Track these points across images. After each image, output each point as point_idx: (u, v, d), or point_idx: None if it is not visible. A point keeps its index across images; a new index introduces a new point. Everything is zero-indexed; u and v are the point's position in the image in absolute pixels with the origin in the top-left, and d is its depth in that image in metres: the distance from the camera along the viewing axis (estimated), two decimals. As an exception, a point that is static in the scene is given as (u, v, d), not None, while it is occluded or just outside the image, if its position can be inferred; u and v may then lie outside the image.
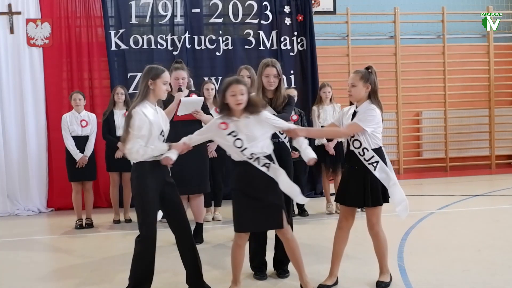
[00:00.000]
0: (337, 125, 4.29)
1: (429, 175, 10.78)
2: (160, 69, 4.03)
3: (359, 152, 4.04)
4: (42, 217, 8.10)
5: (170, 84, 4.17)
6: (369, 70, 4.12)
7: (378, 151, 4.06)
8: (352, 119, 4.10)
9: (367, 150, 4.03)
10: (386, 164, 4.06)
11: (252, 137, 3.89)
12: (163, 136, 4.03)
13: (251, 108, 3.91)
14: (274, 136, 4.28)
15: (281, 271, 4.58)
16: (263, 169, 3.91)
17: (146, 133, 3.86)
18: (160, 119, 4.01)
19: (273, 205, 3.94)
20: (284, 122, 4.07)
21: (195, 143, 4.09)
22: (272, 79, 4.49)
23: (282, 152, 4.38)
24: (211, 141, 6.14)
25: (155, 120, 3.93)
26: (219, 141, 4.03)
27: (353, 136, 4.06)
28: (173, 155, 3.91)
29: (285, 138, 4.40)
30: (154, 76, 3.96)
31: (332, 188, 7.51)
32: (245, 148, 3.89)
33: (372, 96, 4.10)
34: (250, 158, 3.90)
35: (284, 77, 6.68)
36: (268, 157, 3.96)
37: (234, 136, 3.90)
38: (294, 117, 6.63)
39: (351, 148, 4.09)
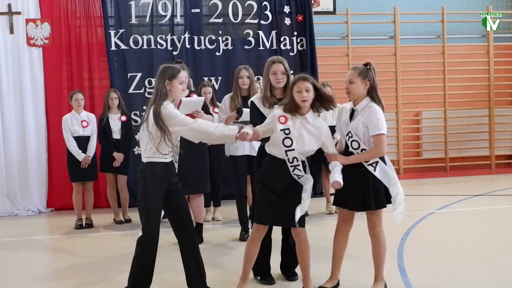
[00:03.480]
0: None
1: (429, 175, 10.78)
2: (176, 69, 4.00)
3: (357, 153, 3.99)
4: (42, 217, 8.10)
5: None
6: (367, 66, 4.03)
7: (378, 151, 4.01)
8: (350, 118, 4.02)
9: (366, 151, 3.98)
10: (385, 163, 3.99)
11: (302, 140, 3.90)
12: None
13: (325, 103, 3.93)
14: None
15: (290, 274, 4.53)
16: (295, 177, 3.94)
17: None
18: None
19: (295, 203, 3.93)
20: (332, 146, 4.04)
21: (264, 135, 4.01)
22: (280, 75, 4.36)
23: None
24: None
25: None
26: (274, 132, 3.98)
27: (351, 137, 3.99)
28: (250, 130, 3.87)
29: None
30: (170, 77, 3.93)
31: (332, 188, 7.50)
32: (292, 150, 3.88)
33: (372, 93, 4.01)
34: (290, 162, 3.90)
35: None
36: (303, 163, 3.96)
37: (286, 134, 3.88)
38: None
39: (350, 149, 4.02)
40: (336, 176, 3.92)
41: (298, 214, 3.88)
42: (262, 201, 4.01)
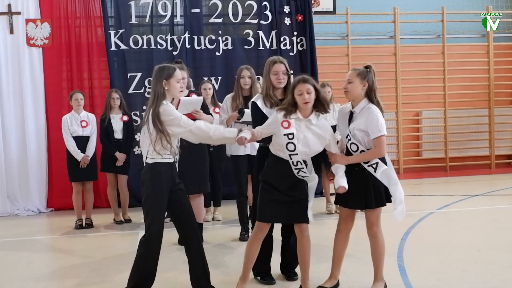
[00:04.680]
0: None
1: (429, 175, 10.78)
2: (172, 68, 4.01)
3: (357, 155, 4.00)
4: (42, 217, 8.10)
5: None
6: (368, 69, 4.04)
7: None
8: (349, 121, 4.03)
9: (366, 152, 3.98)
10: (386, 163, 4.00)
11: (307, 142, 3.92)
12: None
13: (320, 106, 3.95)
14: None
15: (291, 273, 4.52)
16: (299, 177, 3.97)
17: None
18: None
19: (300, 200, 3.97)
20: (335, 146, 4.06)
21: (264, 136, 4.04)
22: (281, 76, 4.35)
23: None
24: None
25: None
26: (276, 136, 3.99)
27: (350, 140, 4.01)
28: (248, 135, 3.89)
29: None
30: (167, 76, 3.94)
31: (332, 188, 7.50)
32: (295, 154, 3.90)
33: (370, 95, 4.01)
34: (295, 166, 3.93)
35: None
36: (305, 163, 3.97)
37: (290, 139, 3.89)
38: None
39: (350, 151, 4.03)
40: (340, 180, 3.94)
41: (310, 211, 3.96)
42: (266, 199, 4.01)
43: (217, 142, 4.16)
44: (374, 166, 3.97)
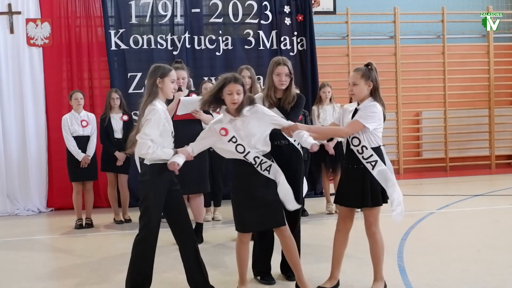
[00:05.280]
0: (337, 124, 4.25)
1: (429, 175, 10.78)
2: (167, 67, 4.02)
3: (357, 150, 3.98)
4: (42, 217, 8.10)
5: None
6: (369, 67, 4.03)
7: (377, 150, 4.00)
8: (353, 117, 4.04)
9: (366, 148, 3.97)
10: (385, 163, 4.00)
11: (250, 134, 3.89)
12: (173, 137, 4.03)
13: (245, 105, 3.91)
14: (284, 138, 4.25)
15: (291, 273, 4.48)
16: (265, 173, 3.93)
17: (160, 131, 3.85)
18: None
19: (273, 203, 3.94)
20: (283, 119, 4.03)
21: (198, 151, 4.06)
22: (283, 78, 4.35)
23: (293, 155, 4.35)
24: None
25: (168, 119, 3.95)
26: (220, 147, 3.99)
27: (352, 133, 4.01)
28: (180, 160, 3.89)
29: (295, 140, 4.25)
30: (162, 75, 3.94)
31: (332, 188, 7.51)
32: (248, 153, 3.89)
33: (374, 93, 4.02)
34: (254, 164, 3.90)
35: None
36: (267, 155, 3.96)
37: (235, 142, 3.89)
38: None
39: (351, 146, 4.02)
40: (309, 139, 3.85)
41: (292, 206, 3.92)
42: (240, 208, 4.00)
43: (151, 161, 3.97)
44: (373, 163, 3.96)
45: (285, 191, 3.94)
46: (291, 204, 3.97)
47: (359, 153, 3.99)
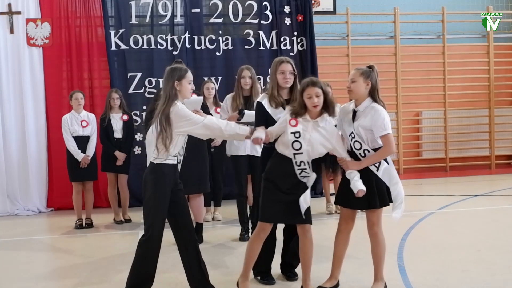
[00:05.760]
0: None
1: (429, 175, 10.78)
2: (184, 68, 4.02)
3: (360, 154, 4.00)
4: (42, 217, 8.10)
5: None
6: (371, 68, 4.06)
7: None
8: (353, 119, 4.03)
9: (368, 152, 3.98)
10: (387, 162, 4.01)
11: (312, 143, 3.92)
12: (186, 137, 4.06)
13: (327, 108, 3.95)
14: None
15: (291, 274, 4.53)
16: (301, 178, 3.97)
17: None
18: None
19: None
20: (344, 151, 4.04)
21: (274, 137, 4.06)
22: (288, 75, 4.34)
23: None
24: (211, 140, 6.20)
25: None
26: (280, 138, 4.01)
27: (354, 138, 4.01)
28: (262, 135, 3.92)
29: None
30: (179, 77, 3.94)
31: (332, 188, 7.51)
32: (300, 153, 3.91)
33: (374, 94, 4.03)
34: (298, 166, 3.93)
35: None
36: (308, 164, 3.98)
37: (296, 137, 3.91)
38: None
39: (353, 150, 4.03)
40: (358, 184, 3.91)
41: (304, 205, 3.92)
42: (268, 199, 4.01)
43: (228, 138, 4.20)
44: (377, 164, 3.98)
45: (303, 202, 3.96)
46: (303, 209, 3.98)
47: (362, 157, 4.00)
